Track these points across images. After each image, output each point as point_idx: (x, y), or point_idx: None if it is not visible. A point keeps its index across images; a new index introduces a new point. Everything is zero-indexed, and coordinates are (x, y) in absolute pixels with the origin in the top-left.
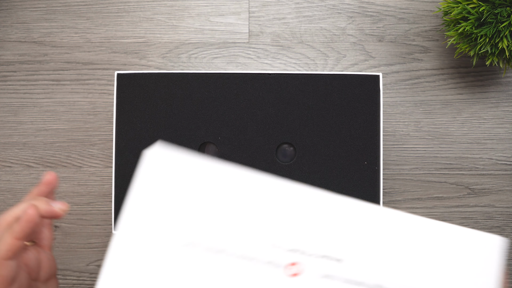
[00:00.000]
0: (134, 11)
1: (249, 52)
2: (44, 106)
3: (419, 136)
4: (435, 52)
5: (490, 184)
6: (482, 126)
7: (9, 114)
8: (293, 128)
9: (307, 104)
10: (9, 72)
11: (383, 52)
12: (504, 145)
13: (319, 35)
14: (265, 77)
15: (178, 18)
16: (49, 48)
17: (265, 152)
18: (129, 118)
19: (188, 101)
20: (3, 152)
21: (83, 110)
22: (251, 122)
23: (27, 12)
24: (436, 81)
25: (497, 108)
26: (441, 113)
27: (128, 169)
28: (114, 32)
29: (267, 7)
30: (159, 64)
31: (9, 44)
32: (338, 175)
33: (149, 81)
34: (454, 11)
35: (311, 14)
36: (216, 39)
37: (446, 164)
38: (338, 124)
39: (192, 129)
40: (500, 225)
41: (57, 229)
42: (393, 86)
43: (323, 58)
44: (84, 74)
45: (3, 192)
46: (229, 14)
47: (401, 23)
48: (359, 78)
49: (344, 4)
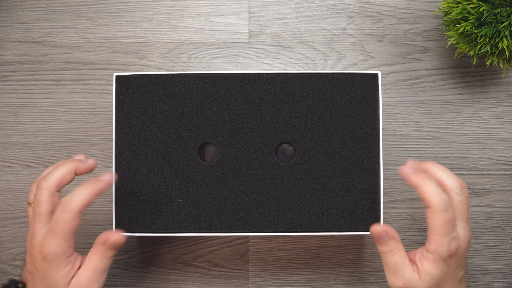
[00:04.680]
0: (134, 11)
1: (249, 52)
2: (44, 106)
3: (419, 136)
4: (435, 52)
5: (490, 184)
6: (482, 126)
7: (9, 114)
8: (292, 127)
9: (306, 104)
10: (9, 72)
11: (383, 52)
12: (504, 145)
13: (319, 35)
14: (265, 77)
15: (178, 18)
16: (49, 48)
17: (265, 151)
18: (128, 120)
19: (188, 101)
20: (3, 152)
21: (83, 110)
22: (251, 122)
23: (27, 12)
24: (436, 81)
25: (497, 108)
26: (441, 113)
27: (128, 170)
28: (114, 32)
29: (267, 7)
30: (159, 64)
31: (9, 44)
32: (338, 174)
33: (148, 82)
34: (454, 11)
35: (311, 14)
36: (216, 39)
37: (446, 164)
38: (338, 123)
39: (192, 130)
40: (500, 225)
41: None
42: (393, 86)
43: (323, 58)
44: (84, 74)
45: (3, 192)
46: (229, 14)
47: (401, 23)
48: (358, 76)
49: (344, 4)
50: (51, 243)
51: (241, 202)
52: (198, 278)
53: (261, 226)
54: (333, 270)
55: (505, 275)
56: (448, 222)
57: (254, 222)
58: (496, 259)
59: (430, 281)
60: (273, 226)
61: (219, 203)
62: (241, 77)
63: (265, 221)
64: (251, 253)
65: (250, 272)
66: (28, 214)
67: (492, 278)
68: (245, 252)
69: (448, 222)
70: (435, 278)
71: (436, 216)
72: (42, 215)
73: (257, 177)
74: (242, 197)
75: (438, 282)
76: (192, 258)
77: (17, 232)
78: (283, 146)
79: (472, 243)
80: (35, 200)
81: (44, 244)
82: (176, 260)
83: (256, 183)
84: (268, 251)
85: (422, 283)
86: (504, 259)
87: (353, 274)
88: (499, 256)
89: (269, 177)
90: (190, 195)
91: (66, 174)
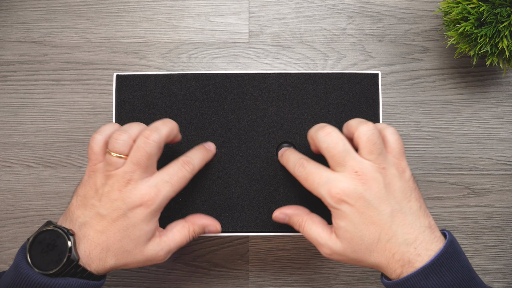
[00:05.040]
0: (134, 11)
1: (249, 52)
2: (44, 106)
3: (419, 136)
4: (435, 52)
5: (490, 184)
6: (482, 126)
7: (9, 114)
8: (293, 127)
9: (307, 103)
10: (9, 72)
11: (383, 52)
12: (504, 145)
13: (319, 35)
14: (265, 77)
15: (178, 18)
16: (49, 48)
17: (265, 151)
18: (128, 119)
19: (188, 101)
20: (3, 152)
21: (83, 110)
22: (251, 122)
23: (27, 12)
24: (436, 81)
25: (497, 108)
26: (441, 113)
27: None
28: (114, 32)
29: (267, 7)
30: (159, 64)
31: (9, 44)
32: None
33: (148, 82)
34: (454, 11)
35: (311, 14)
36: (216, 39)
37: (446, 164)
38: (338, 123)
39: (192, 129)
40: (500, 225)
41: None
42: (393, 86)
43: (323, 58)
44: (84, 74)
45: (3, 192)
46: (229, 14)
47: (401, 23)
48: (358, 76)
49: (344, 4)
50: (163, 192)
51: (241, 202)
52: (198, 278)
53: (261, 226)
54: (333, 270)
55: (505, 275)
56: (307, 178)
57: (254, 222)
58: (496, 259)
59: (343, 235)
60: (273, 226)
61: (219, 203)
62: (242, 77)
63: (265, 221)
64: (251, 253)
65: (250, 272)
66: (97, 163)
67: (492, 278)
68: (245, 252)
69: (306, 177)
70: (346, 230)
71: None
72: (145, 167)
73: (257, 177)
74: (242, 197)
75: (355, 233)
76: (192, 258)
77: (17, 232)
78: (284, 146)
79: (472, 243)
80: (138, 149)
81: (152, 192)
82: (176, 260)
83: (256, 182)
84: (268, 251)
85: (337, 242)
86: (504, 259)
87: (353, 274)
88: (499, 256)
89: (269, 177)
90: (190, 194)
91: (176, 130)
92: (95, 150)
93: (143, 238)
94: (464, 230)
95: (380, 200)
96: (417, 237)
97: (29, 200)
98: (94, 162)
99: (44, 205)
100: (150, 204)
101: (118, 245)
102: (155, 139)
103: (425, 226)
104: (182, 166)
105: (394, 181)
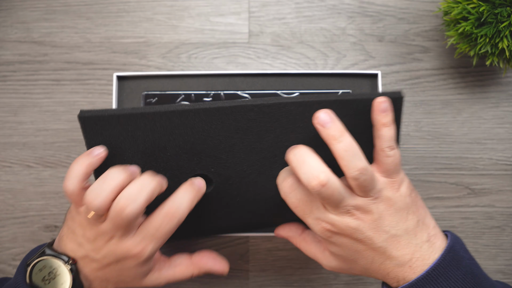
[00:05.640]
0: (134, 11)
1: (249, 52)
2: (44, 106)
3: (419, 136)
4: (435, 52)
5: (490, 184)
6: (482, 126)
7: (9, 114)
8: None
9: None
10: (9, 72)
11: (383, 52)
12: (504, 145)
13: (319, 35)
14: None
15: (178, 18)
16: (49, 48)
17: None
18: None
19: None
20: (3, 152)
21: None
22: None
23: (27, 12)
24: (436, 81)
25: (497, 108)
26: (441, 113)
27: None
28: (114, 32)
29: (267, 7)
30: (159, 64)
31: (9, 44)
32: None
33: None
34: (454, 11)
35: (311, 14)
36: (216, 39)
37: (446, 164)
38: None
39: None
40: (500, 225)
41: (56, 229)
42: (393, 86)
43: (323, 58)
44: (84, 74)
45: (3, 192)
46: (229, 14)
47: (401, 23)
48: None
49: (344, 4)
50: (149, 248)
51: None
52: (198, 278)
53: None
54: None
55: (505, 275)
56: (297, 206)
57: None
58: (496, 259)
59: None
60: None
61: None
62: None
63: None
64: (251, 253)
65: (250, 272)
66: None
67: (492, 278)
68: (245, 252)
69: (297, 206)
70: (338, 254)
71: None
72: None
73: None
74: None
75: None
76: None
77: (17, 232)
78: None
79: (472, 243)
80: (116, 216)
81: (138, 248)
82: None
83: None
84: (268, 251)
85: (332, 260)
86: (504, 259)
87: None
88: (499, 256)
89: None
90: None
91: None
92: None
93: (140, 276)
94: (464, 230)
95: (374, 231)
96: (413, 255)
97: (29, 200)
98: (76, 206)
99: (44, 205)
100: (139, 257)
101: (117, 279)
102: (132, 211)
103: (423, 241)
104: (169, 220)
105: (387, 210)
